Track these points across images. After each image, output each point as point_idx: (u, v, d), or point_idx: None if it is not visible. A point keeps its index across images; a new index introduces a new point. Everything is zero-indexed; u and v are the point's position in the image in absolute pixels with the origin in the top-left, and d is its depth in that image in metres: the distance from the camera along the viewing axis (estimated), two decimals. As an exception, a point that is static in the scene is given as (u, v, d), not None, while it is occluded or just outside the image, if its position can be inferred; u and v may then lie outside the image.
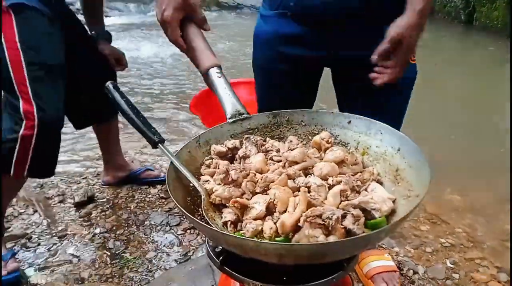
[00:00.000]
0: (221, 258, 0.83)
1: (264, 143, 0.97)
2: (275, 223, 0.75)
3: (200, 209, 0.83)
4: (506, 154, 2.74)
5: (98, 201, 2.33)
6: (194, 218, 0.73)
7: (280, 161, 0.92)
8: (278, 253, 0.66)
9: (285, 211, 0.76)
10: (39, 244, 2.00)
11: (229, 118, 1.00)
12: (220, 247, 0.85)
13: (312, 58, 1.40)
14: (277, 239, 0.73)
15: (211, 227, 0.74)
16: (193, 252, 1.96)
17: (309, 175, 0.87)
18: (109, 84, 1.00)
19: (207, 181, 0.88)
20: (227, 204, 0.82)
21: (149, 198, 2.38)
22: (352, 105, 1.23)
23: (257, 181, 0.83)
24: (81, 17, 2.07)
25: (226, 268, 0.82)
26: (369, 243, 0.73)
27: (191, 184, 0.87)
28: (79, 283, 1.78)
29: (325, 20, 1.30)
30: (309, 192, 0.79)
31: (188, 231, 2.10)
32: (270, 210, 0.78)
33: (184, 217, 2.05)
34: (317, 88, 1.58)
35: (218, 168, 0.89)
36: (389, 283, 1.67)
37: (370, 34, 1.28)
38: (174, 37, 1.09)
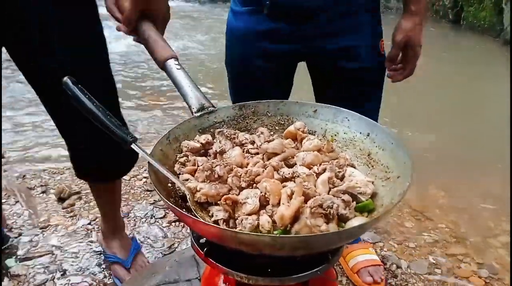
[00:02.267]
0: (205, 249, 0.82)
1: (234, 135, 0.95)
2: (270, 216, 0.74)
3: (184, 209, 0.81)
4: (498, 152, 2.79)
5: (82, 192, 2.29)
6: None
7: (257, 153, 0.91)
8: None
9: (278, 203, 0.75)
10: (20, 235, 1.96)
11: (195, 112, 0.97)
12: (204, 239, 0.84)
13: (288, 52, 1.41)
14: (275, 231, 0.73)
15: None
16: (178, 245, 1.95)
17: (295, 165, 0.87)
18: (67, 79, 0.86)
19: (187, 180, 0.85)
20: (213, 202, 0.80)
21: (134, 190, 2.36)
22: (332, 97, 1.29)
23: (241, 175, 0.82)
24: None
25: (211, 260, 0.81)
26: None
27: (169, 184, 0.85)
28: (61, 275, 1.76)
29: (297, 15, 1.31)
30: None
31: (173, 223, 2.09)
32: (261, 204, 0.77)
33: (173, 214, 2.04)
34: (292, 83, 1.58)
35: (197, 165, 0.87)
36: (375, 276, 1.69)
37: (342, 25, 1.34)
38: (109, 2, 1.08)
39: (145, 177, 2.46)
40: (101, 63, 1.40)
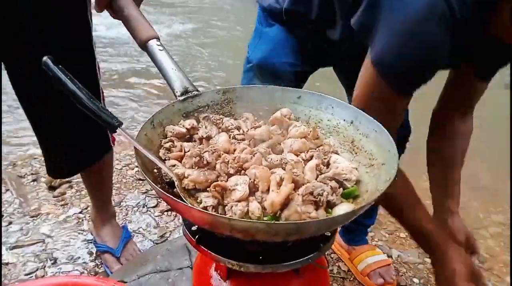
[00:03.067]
0: (197, 236, 0.82)
1: (219, 121, 0.94)
2: (259, 202, 0.75)
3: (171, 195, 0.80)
4: (488, 144, 2.81)
5: (73, 180, 2.28)
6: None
7: (243, 139, 0.91)
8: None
9: (267, 190, 0.75)
10: (10, 223, 1.95)
11: (179, 96, 0.95)
12: (196, 226, 0.84)
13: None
14: (265, 217, 0.73)
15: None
16: (170, 234, 1.95)
17: (282, 152, 0.87)
18: (46, 59, 0.82)
19: (174, 166, 0.83)
20: (200, 188, 0.79)
21: (126, 179, 2.34)
22: None
23: (228, 161, 0.81)
24: None
25: (202, 247, 0.81)
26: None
27: (155, 170, 0.83)
28: (52, 263, 1.75)
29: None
30: (283, 168, 0.79)
31: (165, 213, 2.08)
32: (250, 190, 0.77)
33: (161, 201, 2.03)
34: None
35: (184, 151, 0.86)
36: (386, 277, 1.68)
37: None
38: None
39: (137, 166, 2.44)
40: (91, 60, 1.39)
